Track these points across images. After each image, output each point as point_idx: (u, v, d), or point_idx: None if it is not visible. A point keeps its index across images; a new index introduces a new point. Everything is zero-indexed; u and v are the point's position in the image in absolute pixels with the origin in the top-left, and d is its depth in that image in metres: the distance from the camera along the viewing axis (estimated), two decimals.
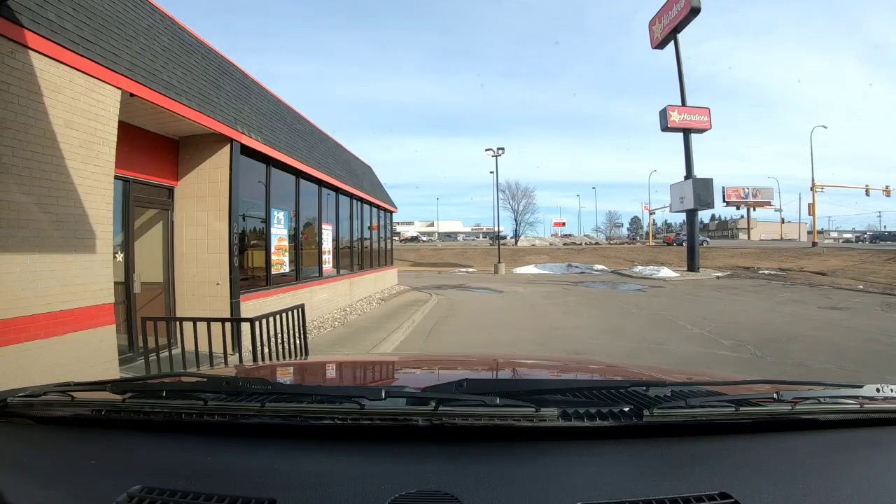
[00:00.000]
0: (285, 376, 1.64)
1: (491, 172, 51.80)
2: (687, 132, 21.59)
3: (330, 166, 10.29)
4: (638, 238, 67.67)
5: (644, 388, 0.91)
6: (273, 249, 7.37)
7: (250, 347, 3.76)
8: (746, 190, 55.55)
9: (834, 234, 62.58)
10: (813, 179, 35.24)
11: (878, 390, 0.89)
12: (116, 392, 0.97)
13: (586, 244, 51.83)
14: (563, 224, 68.31)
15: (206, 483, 0.72)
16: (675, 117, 21.39)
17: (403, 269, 22.09)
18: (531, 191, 61.65)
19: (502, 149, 26.40)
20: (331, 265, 10.16)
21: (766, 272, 20.63)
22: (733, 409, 0.84)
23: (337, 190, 10.56)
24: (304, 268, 8.71)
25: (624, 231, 79.31)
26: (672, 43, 21.73)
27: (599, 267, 25.96)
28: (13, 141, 3.28)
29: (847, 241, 53.40)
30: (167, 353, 4.72)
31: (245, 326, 3.90)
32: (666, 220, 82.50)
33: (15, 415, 0.96)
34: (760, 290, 14.03)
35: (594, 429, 0.80)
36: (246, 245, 6.89)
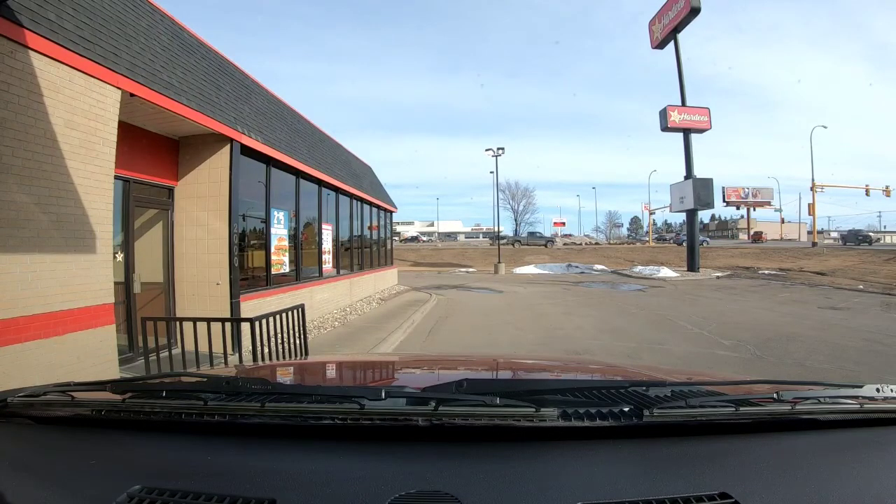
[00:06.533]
0: (285, 376, 1.64)
1: (491, 172, 51.84)
2: (687, 132, 21.59)
3: (330, 166, 10.29)
4: (637, 238, 67.67)
5: (644, 388, 0.91)
6: (273, 249, 7.37)
7: (250, 347, 3.76)
8: (746, 190, 55.52)
9: (834, 234, 62.44)
10: (813, 179, 35.31)
11: (878, 390, 0.89)
12: (116, 392, 0.97)
13: (586, 244, 51.79)
14: (563, 224, 68.29)
15: (206, 483, 0.72)
16: (675, 117, 21.39)
17: (403, 269, 22.08)
18: (531, 191, 62.16)
19: (502, 149, 26.42)
20: (331, 265, 10.17)
21: (766, 272, 20.64)
22: (733, 409, 0.84)
23: (337, 190, 10.56)
24: (304, 268, 8.71)
25: (624, 231, 79.36)
26: (672, 43, 21.74)
27: (599, 267, 25.95)
28: (13, 141, 3.28)
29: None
30: (167, 353, 4.71)
31: (245, 326, 3.89)
32: (666, 220, 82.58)
33: (15, 415, 0.96)
34: (760, 291, 14.03)
35: (594, 429, 0.80)
36: (246, 245, 6.89)
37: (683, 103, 21.65)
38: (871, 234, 42.86)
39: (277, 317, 3.87)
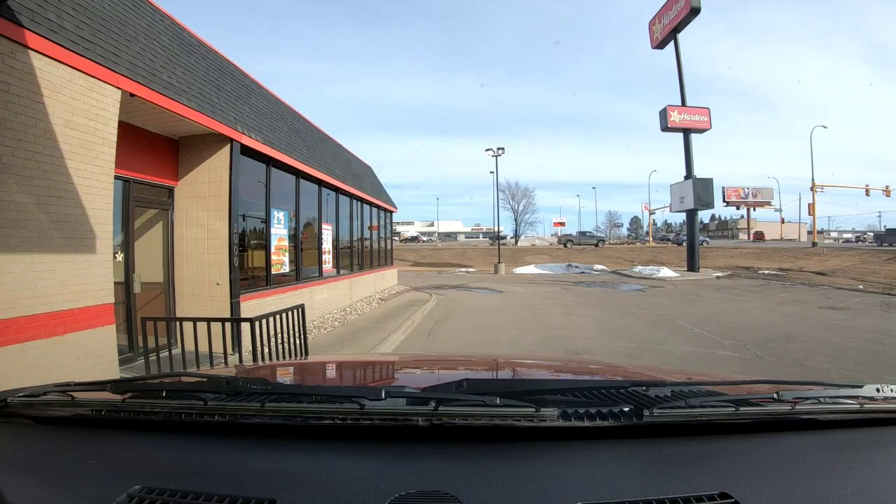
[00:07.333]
0: (285, 376, 1.64)
1: (491, 172, 51.90)
2: (687, 132, 21.58)
3: (330, 166, 10.29)
4: (638, 238, 67.65)
5: (644, 388, 0.91)
6: (273, 249, 7.37)
7: (250, 347, 3.76)
8: (746, 190, 55.51)
9: (834, 234, 62.49)
10: (813, 179, 35.33)
11: (878, 390, 0.89)
12: (116, 392, 0.97)
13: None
14: (563, 224, 68.06)
15: (206, 483, 0.72)
16: (675, 117, 21.38)
17: (403, 269, 22.08)
18: (531, 191, 61.90)
19: (502, 149, 26.43)
20: (331, 265, 10.16)
21: (766, 272, 20.63)
22: (733, 409, 0.84)
23: (337, 190, 10.56)
24: (304, 268, 8.71)
25: (624, 231, 79.38)
26: (672, 43, 21.73)
27: (599, 267, 25.94)
28: (13, 141, 3.28)
29: (847, 241, 53.27)
30: (167, 353, 4.72)
31: (245, 326, 3.90)
32: (666, 220, 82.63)
33: (15, 415, 0.96)
34: (760, 291, 14.03)
35: (594, 429, 0.80)
36: (246, 245, 6.89)
37: (683, 103, 21.64)
38: None
39: (277, 317, 3.87)
